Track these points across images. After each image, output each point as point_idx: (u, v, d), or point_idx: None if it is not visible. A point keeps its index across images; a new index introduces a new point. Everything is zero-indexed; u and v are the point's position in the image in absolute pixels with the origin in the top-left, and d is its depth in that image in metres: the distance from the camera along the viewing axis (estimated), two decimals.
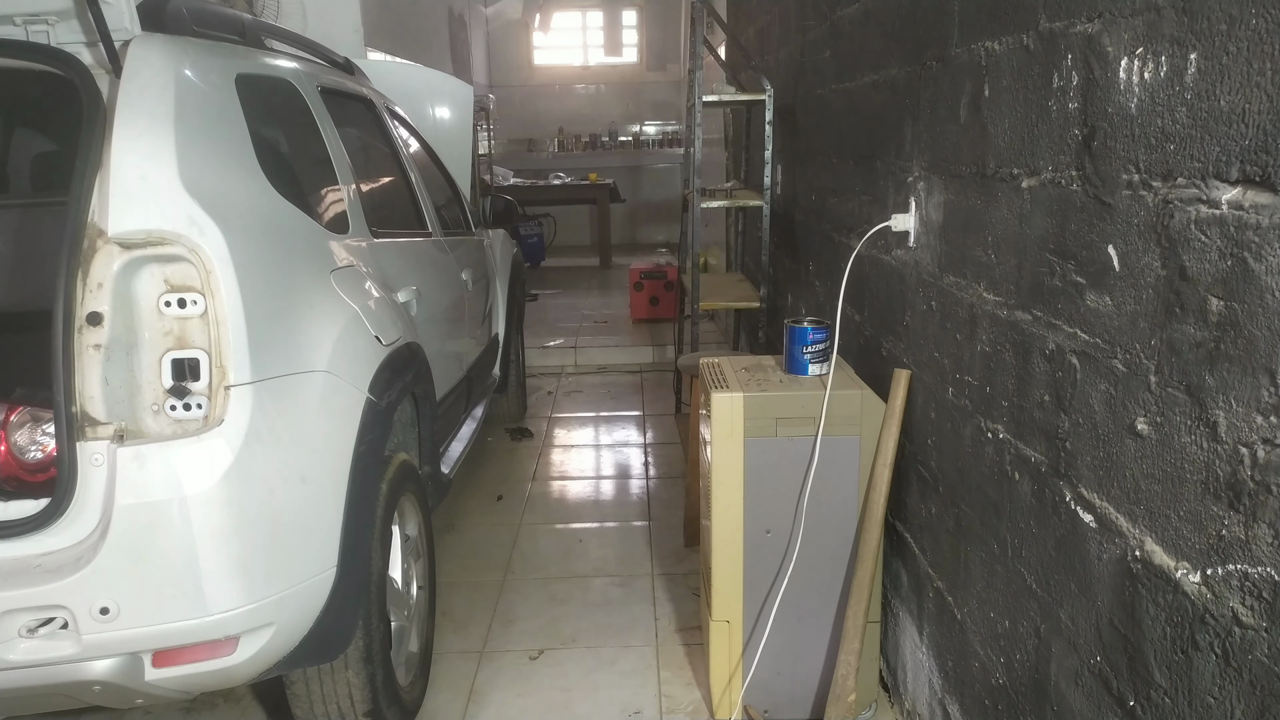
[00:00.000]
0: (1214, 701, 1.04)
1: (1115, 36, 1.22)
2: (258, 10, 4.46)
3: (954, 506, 1.86)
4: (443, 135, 4.17)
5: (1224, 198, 1.01)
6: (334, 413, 1.85)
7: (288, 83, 2.29)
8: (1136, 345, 1.18)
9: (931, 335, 1.96)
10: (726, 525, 2.18)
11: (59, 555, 1.55)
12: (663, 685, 2.46)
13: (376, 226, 2.46)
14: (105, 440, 1.54)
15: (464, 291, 3.35)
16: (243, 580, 1.61)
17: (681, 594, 2.91)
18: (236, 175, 1.80)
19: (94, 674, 1.57)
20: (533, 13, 10.13)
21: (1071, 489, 1.37)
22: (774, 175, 3.82)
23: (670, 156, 9.99)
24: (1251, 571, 0.98)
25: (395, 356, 2.14)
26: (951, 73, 1.80)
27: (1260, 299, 0.95)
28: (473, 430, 3.44)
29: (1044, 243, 1.44)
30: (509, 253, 4.42)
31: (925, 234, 1.99)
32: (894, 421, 2.07)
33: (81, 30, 1.71)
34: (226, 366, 1.60)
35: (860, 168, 2.51)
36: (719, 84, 4.55)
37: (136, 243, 1.56)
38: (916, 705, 2.14)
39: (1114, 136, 1.23)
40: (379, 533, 2.00)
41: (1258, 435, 0.96)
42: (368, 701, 2.00)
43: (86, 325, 1.53)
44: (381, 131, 3.03)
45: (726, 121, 5.52)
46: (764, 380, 2.22)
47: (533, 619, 2.80)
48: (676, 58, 9.88)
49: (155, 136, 1.64)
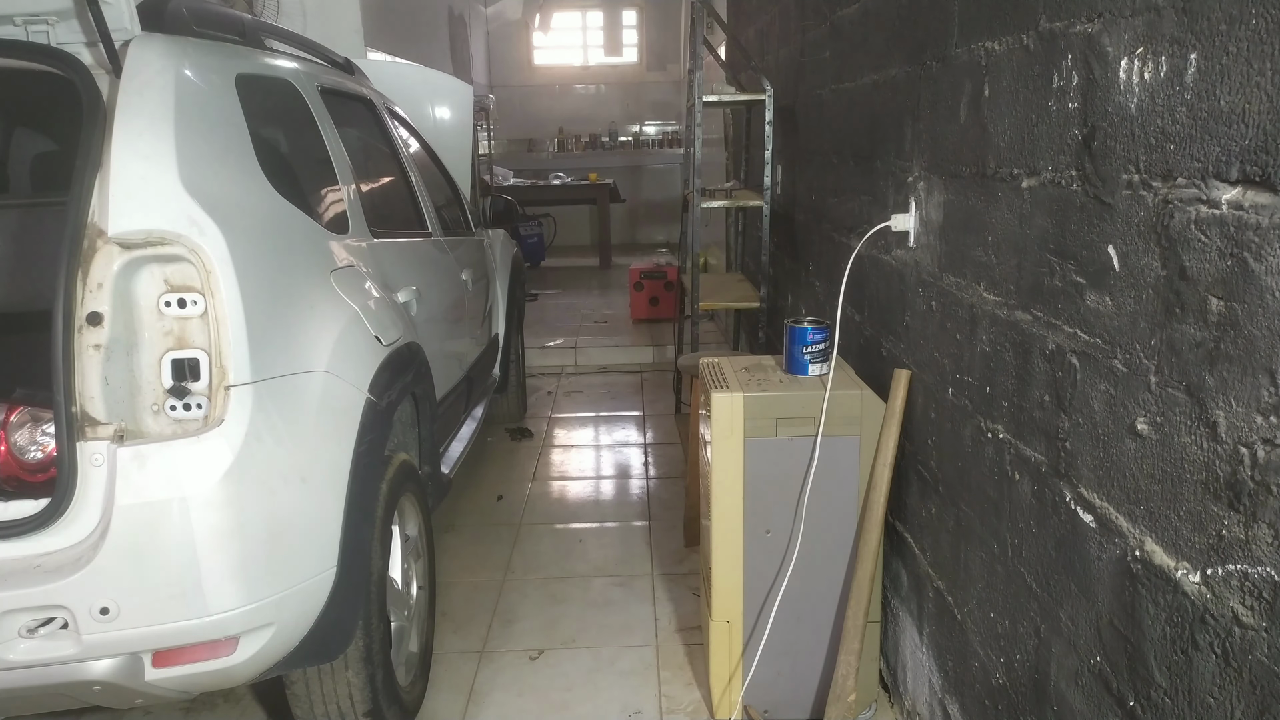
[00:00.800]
0: (1214, 701, 1.04)
1: (1115, 36, 1.22)
2: (258, 10, 4.46)
3: (954, 506, 1.86)
4: (443, 135, 4.16)
5: (1224, 198, 1.01)
6: (334, 413, 1.85)
7: (288, 83, 2.29)
8: (1136, 345, 1.18)
9: (931, 335, 1.96)
10: (726, 525, 2.18)
11: (59, 555, 1.55)
12: (663, 685, 2.46)
13: (376, 226, 2.46)
14: (105, 440, 1.54)
15: (464, 292, 3.35)
16: (243, 580, 1.61)
17: (681, 594, 2.91)
18: (236, 175, 1.80)
19: (94, 674, 1.57)
20: (533, 13, 10.13)
21: (1071, 489, 1.37)
22: (774, 175, 3.82)
23: (670, 156, 10.00)
24: (1251, 571, 0.98)
25: (395, 357, 2.14)
26: (951, 73, 1.80)
27: (1260, 299, 0.95)
28: (473, 430, 3.44)
29: (1044, 243, 1.44)
30: (509, 253, 4.42)
31: (925, 234, 1.99)
32: (894, 421, 2.07)
33: (81, 30, 1.70)
34: (226, 367, 1.60)
35: (860, 168, 2.51)
36: (719, 84, 4.55)
37: (136, 243, 1.56)
38: (916, 705, 2.14)
39: (1114, 136, 1.23)
40: (379, 533, 2.00)
41: (1258, 435, 0.96)
42: (368, 701, 2.00)
43: (86, 325, 1.53)
44: (381, 131, 3.03)
45: (726, 121, 5.52)
46: (764, 380, 2.22)
47: (533, 619, 2.80)
48: (676, 58, 9.89)
49: (155, 136, 1.64)
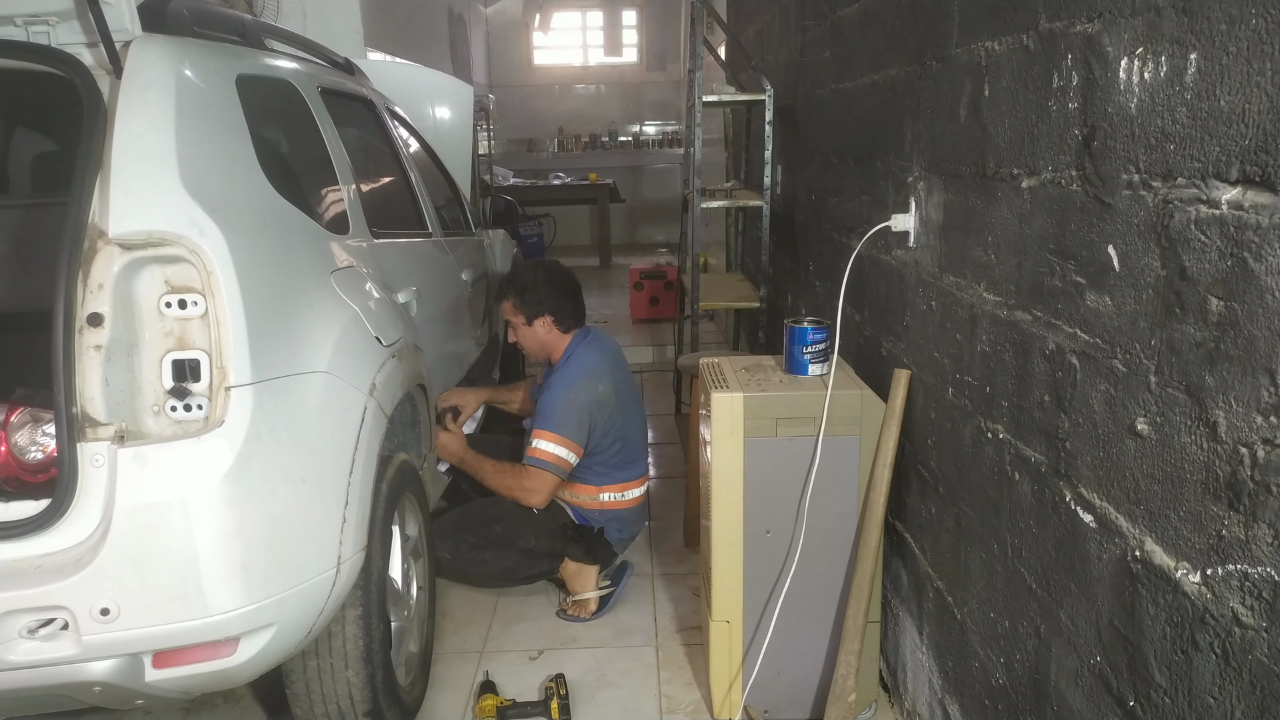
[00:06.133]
0: (1214, 701, 1.04)
1: (1115, 36, 1.22)
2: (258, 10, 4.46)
3: (954, 506, 1.86)
4: (443, 135, 4.17)
5: (1224, 198, 1.01)
6: (334, 413, 1.85)
7: (288, 83, 2.29)
8: (1136, 345, 1.19)
9: (931, 335, 1.96)
10: (726, 525, 2.18)
11: (59, 556, 1.54)
12: (663, 685, 2.46)
13: (377, 227, 2.46)
14: (106, 441, 1.54)
15: (464, 292, 3.35)
16: (243, 581, 1.61)
17: (681, 594, 2.91)
18: (237, 176, 1.80)
19: (94, 675, 1.57)
20: (533, 13, 10.13)
21: (1071, 489, 1.37)
22: (774, 175, 3.82)
23: (670, 156, 9.99)
24: (1251, 571, 0.98)
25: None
26: (951, 73, 1.80)
27: (1260, 299, 0.96)
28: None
29: (1044, 243, 1.44)
30: (509, 253, 4.42)
31: (925, 234, 1.99)
32: (894, 421, 2.07)
33: (82, 31, 1.70)
34: (227, 367, 1.60)
35: (860, 168, 2.51)
36: (719, 84, 4.55)
37: (137, 243, 1.56)
38: (916, 705, 2.14)
39: (1114, 136, 1.23)
40: (379, 533, 2.00)
41: (1258, 435, 0.96)
42: (368, 701, 2.01)
43: (87, 326, 1.53)
44: (381, 132, 3.03)
45: (726, 121, 5.52)
46: (764, 380, 2.22)
47: (533, 619, 2.80)
48: (676, 58, 9.88)
49: (156, 137, 1.64)
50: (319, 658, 1.95)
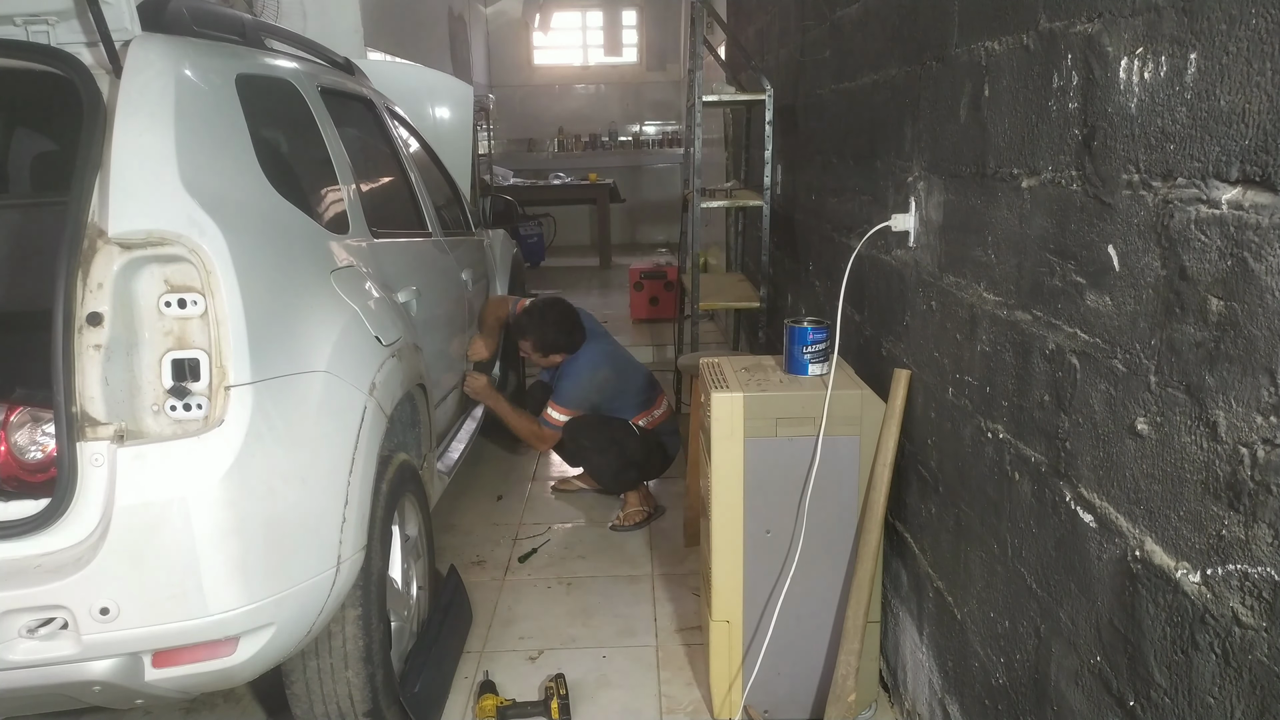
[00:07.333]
0: (1214, 701, 1.04)
1: (1115, 36, 1.22)
2: (258, 10, 4.46)
3: (954, 506, 1.86)
4: (443, 135, 4.17)
5: (1224, 198, 1.01)
6: (334, 413, 1.85)
7: (288, 83, 2.29)
8: (1136, 345, 1.18)
9: (931, 335, 1.96)
10: (726, 525, 2.18)
11: (59, 555, 1.55)
12: (663, 685, 2.46)
13: (376, 226, 2.46)
14: (105, 440, 1.54)
15: (464, 291, 3.35)
16: (243, 580, 1.62)
17: (681, 594, 2.91)
18: (237, 175, 1.80)
19: (94, 674, 1.57)
20: (533, 13, 10.12)
21: (1071, 489, 1.37)
22: (774, 175, 3.82)
23: (670, 156, 9.99)
24: (1251, 571, 0.98)
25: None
26: (951, 73, 1.80)
27: (1260, 299, 0.95)
28: (473, 430, 3.44)
29: (1044, 243, 1.44)
30: (509, 253, 4.42)
31: (925, 234, 1.99)
32: (894, 421, 2.07)
33: (82, 30, 1.71)
34: (227, 367, 1.60)
35: (860, 168, 2.51)
36: (719, 84, 4.55)
37: (137, 243, 1.56)
38: (916, 705, 2.14)
39: (1114, 136, 1.23)
40: (379, 533, 2.00)
41: (1258, 435, 0.96)
42: (368, 701, 2.01)
43: (87, 325, 1.53)
44: (381, 131, 3.03)
45: (726, 121, 5.51)
46: (764, 380, 2.22)
47: (533, 619, 2.80)
48: (676, 58, 9.88)
49: (155, 136, 1.64)
50: (319, 658, 1.95)
